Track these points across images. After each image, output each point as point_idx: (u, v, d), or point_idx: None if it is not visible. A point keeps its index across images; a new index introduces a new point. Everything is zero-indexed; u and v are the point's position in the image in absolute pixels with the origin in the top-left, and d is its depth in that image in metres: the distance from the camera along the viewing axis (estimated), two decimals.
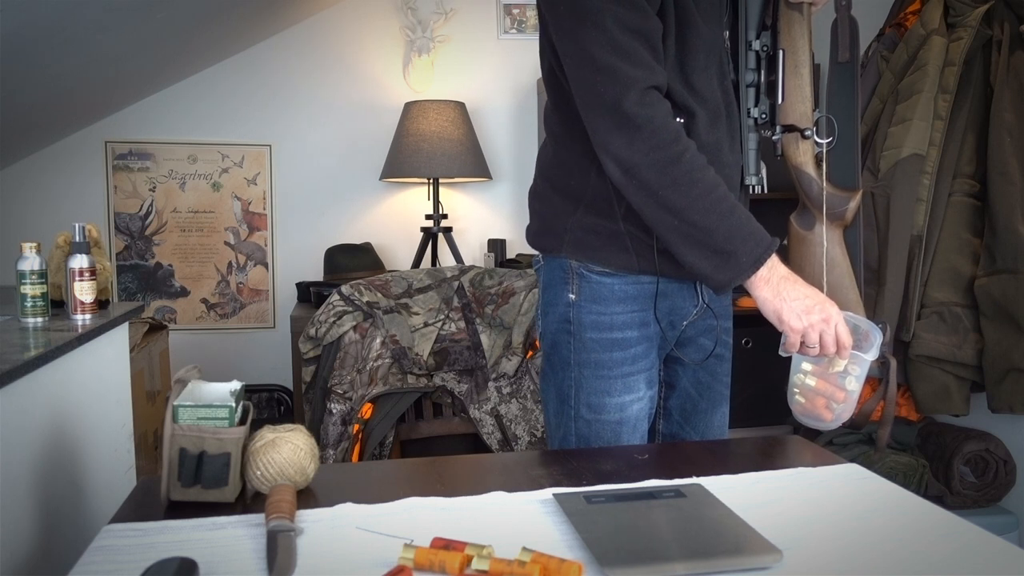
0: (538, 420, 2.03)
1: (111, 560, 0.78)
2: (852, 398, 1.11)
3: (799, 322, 1.08)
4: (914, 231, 2.29)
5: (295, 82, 3.07)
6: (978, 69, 2.29)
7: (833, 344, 1.08)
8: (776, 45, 1.22)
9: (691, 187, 1.07)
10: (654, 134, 1.06)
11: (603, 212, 1.18)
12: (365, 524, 0.85)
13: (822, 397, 1.12)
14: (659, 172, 1.06)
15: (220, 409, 0.92)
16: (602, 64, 1.05)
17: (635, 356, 1.22)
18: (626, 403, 1.22)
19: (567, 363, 1.24)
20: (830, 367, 1.11)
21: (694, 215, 1.07)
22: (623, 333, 1.21)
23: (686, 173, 1.07)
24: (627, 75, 1.05)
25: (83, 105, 2.75)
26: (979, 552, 0.80)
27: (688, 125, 1.14)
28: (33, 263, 1.50)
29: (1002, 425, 2.42)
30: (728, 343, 1.34)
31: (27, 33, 1.88)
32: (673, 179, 1.06)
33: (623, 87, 1.05)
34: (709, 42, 1.15)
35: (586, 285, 1.21)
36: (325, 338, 2.03)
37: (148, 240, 3.01)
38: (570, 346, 1.23)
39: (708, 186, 1.08)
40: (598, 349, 1.21)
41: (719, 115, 1.18)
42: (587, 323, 1.21)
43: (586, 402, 1.23)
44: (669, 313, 1.24)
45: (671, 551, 0.78)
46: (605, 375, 1.21)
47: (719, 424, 1.36)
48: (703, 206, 1.07)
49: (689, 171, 1.07)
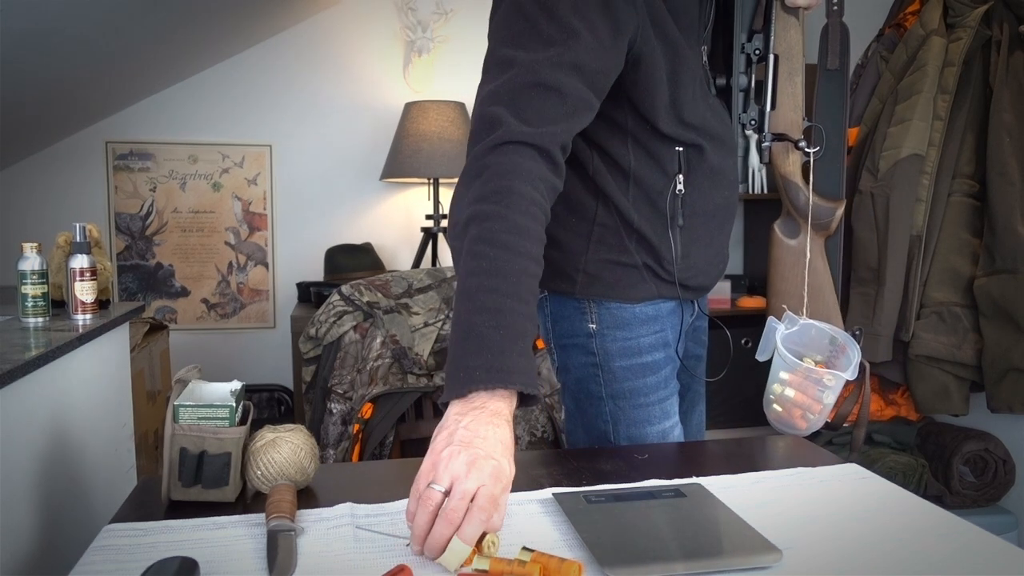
0: (538, 420, 2.03)
1: (111, 560, 0.78)
2: (826, 410, 1.12)
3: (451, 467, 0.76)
4: (914, 231, 2.29)
5: (295, 82, 3.07)
6: (977, 69, 2.29)
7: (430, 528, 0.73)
8: (767, 49, 1.19)
9: (478, 263, 0.84)
10: (481, 185, 0.88)
11: (614, 246, 1.11)
12: (365, 524, 0.85)
13: (799, 408, 1.12)
14: (458, 235, 0.87)
15: (220, 409, 0.92)
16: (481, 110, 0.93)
17: (666, 379, 1.17)
18: (667, 429, 1.17)
19: (598, 398, 1.15)
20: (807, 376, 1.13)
21: (460, 301, 0.83)
22: (651, 356, 1.15)
23: (480, 244, 0.85)
24: (497, 119, 0.92)
25: (84, 105, 2.75)
26: (978, 552, 0.80)
27: (696, 156, 1.10)
28: (34, 263, 1.50)
29: (1001, 425, 2.42)
30: (704, 341, 1.33)
31: (28, 33, 1.88)
32: (468, 248, 0.85)
33: (482, 134, 0.92)
34: (694, 69, 1.11)
35: (605, 312, 1.13)
36: (325, 338, 2.03)
37: (148, 240, 3.02)
38: (599, 379, 1.15)
39: (494, 266, 0.83)
40: (631, 377, 1.14)
41: (719, 138, 1.15)
42: (614, 352, 1.13)
43: (627, 436, 1.15)
44: (680, 328, 1.22)
45: (671, 551, 0.78)
46: (643, 403, 1.14)
47: (697, 422, 1.35)
48: (471, 292, 0.83)
49: (484, 244, 0.84)
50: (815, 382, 1.11)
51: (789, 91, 1.21)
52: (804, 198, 1.24)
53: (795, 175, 1.24)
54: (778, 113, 1.21)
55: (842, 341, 1.14)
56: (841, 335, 1.14)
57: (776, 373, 1.15)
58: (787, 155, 1.23)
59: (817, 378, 1.11)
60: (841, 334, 1.14)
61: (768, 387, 1.16)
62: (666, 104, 1.07)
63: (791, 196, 1.25)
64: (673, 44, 1.06)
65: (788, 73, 1.20)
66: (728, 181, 1.17)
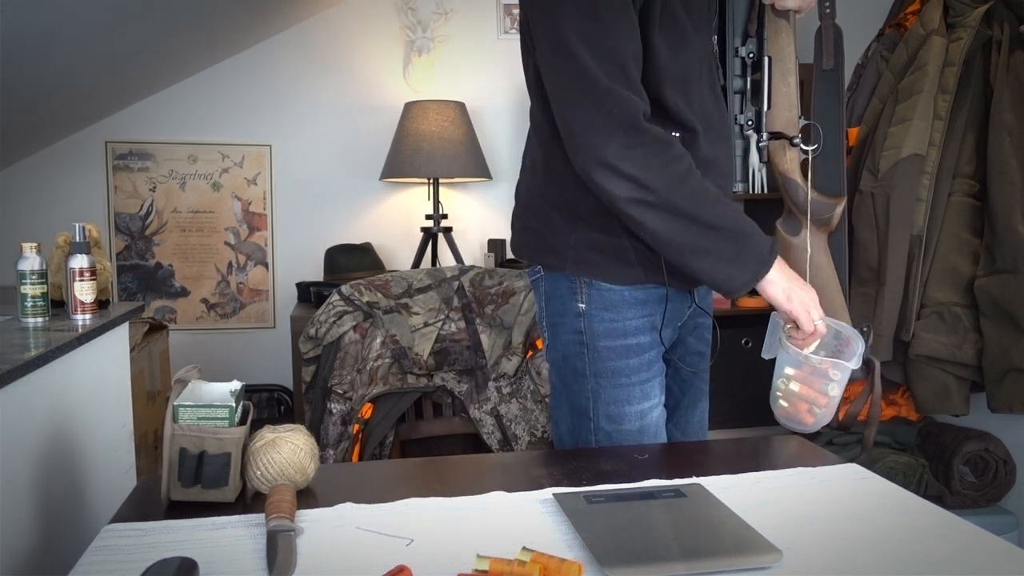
0: (538, 420, 2.03)
1: (111, 560, 0.78)
2: (833, 404, 1.13)
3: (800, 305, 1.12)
4: (914, 231, 2.29)
5: (295, 82, 3.07)
6: (978, 69, 2.29)
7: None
8: (761, 52, 1.23)
9: (705, 195, 1.08)
10: (668, 148, 1.07)
11: (604, 227, 1.16)
12: (365, 524, 0.85)
13: (805, 402, 1.14)
14: (677, 185, 1.06)
15: (220, 409, 0.92)
16: (605, 87, 1.04)
17: (649, 361, 1.21)
18: (645, 410, 1.21)
19: (582, 375, 1.21)
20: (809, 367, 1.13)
21: (714, 220, 1.08)
22: (636, 339, 1.19)
23: (698, 182, 1.08)
24: (632, 97, 1.05)
25: (83, 105, 2.75)
26: (979, 552, 0.80)
27: (690, 140, 1.13)
28: (33, 263, 1.50)
29: (1002, 425, 2.42)
30: (708, 339, 1.34)
31: (27, 33, 1.88)
32: (692, 189, 1.07)
33: (633, 107, 1.04)
34: (701, 52, 1.15)
35: (595, 293, 1.19)
36: (325, 338, 2.03)
37: (148, 240, 3.02)
38: (584, 357, 1.20)
39: (713, 193, 1.09)
40: (614, 357, 1.19)
41: (715, 127, 1.18)
42: (600, 331, 1.19)
43: (605, 413, 1.20)
44: (671, 316, 1.24)
45: (671, 551, 0.78)
46: (623, 383, 1.19)
47: (699, 419, 1.36)
48: (718, 212, 1.08)
49: (699, 180, 1.08)
50: (820, 375, 1.11)
51: (784, 91, 1.24)
52: (803, 195, 1.25)
53: (794, 172, 1.26)
54: (774, 112, 1.24)
55: (847, 335, 1.14)
56: (846, 328, 1.14)
57: (781, 368, 1.15)
58: (785, 153, 1.26)
59: (823, 371, 1.11)
60: (846, 327, 1.14)
61: (774, 383, 1.16)
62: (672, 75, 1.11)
63: (791, 193, 1.27)
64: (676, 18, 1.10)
65: (782, 74, 1.24)
66: (720, 171, 1.19)
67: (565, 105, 1.08)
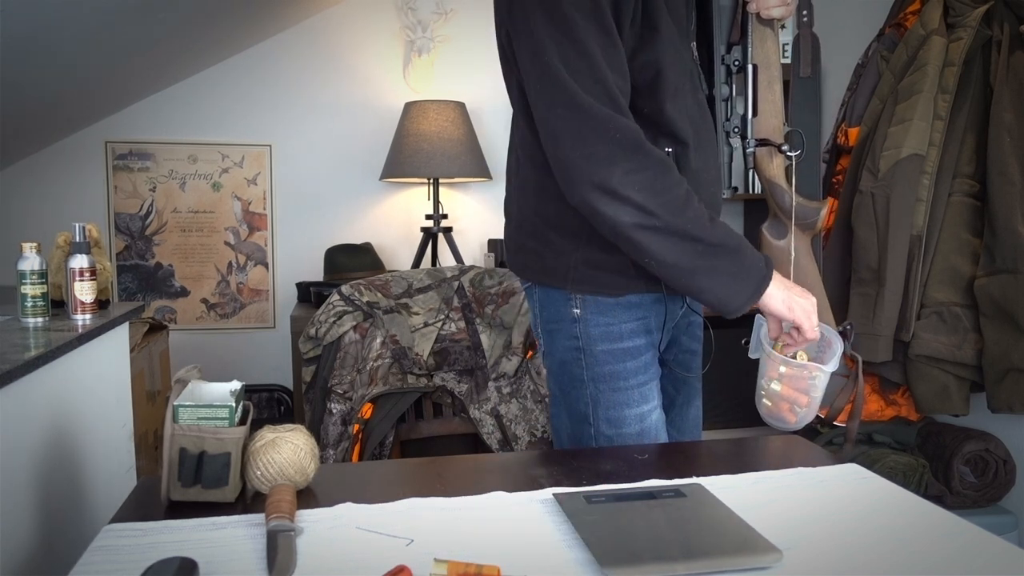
0: (538, 420, 2.03)
1: (111, 560, 0.78)
2: (815, 403, 1.16)
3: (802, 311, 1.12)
4: (914, 231, 2.29)
5: (295, 82, 3.07)
6: (978, 69, 2.29)
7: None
8: (746, 60, 1.24)
9: (703, 215, 1.08)
10: (669, 171, 1.06)
11: (606, 246, 1.13)
12: (365, 524, 0.85)
13: (786, 402, 1.16)
14: (681, 208, 1.06)
15: (220, 409, 0.92)
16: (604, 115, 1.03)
17: (646, 364, 1.21)
18: (645, 413, 1.21)
19: (580, 381, 1.20)
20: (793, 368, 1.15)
21: (715, 239, 1.07)
22: (632, 342, 1.19)
23: (697, 203, 1.08)
24: (626, 120, 1.04)
25: (83, 105, 2.75)
26: (979, 552, 0.80)
27: (682, 153, 1.13)
28: (33, 263, 1.50)
29: (1002, 425, 2.42)
30: (700, 337, 1.35)
31: (28, 33, 1.88)
32: (694, 212, 1.07)
33: (633, 130, 1.04)
34: (685, 60, 1.15)
35: (590, 299, 1.18)
36: (325, 338, 2.03)
37: (148, 240, 3.02)
38: (581, 362, 1.20)
39: (708, 212, 1.09)
40: (611, 361, 1.19)
41: (702, 136, 1.18)
42: (596, 336, 1.18)
43: (605, 417, 1.20)
44: (667, 321, 1.24)
45: (671, 551, 0.78)
46: (622, 387, 1.19)
47: (694, 417, 1.37)
48: (716, 231, 1.08)
49: (697, 201, 1.08)
50: (800, 376, 1.14)
51: (769, 98, 1.26)
52: (789, 200, 1.27)
53: (779, 178, 1.28)
54: (760, 120, 1.26)
55: (828, 336, 1.17)
56: (826, 330, 1.17)
57: (764, 369, 1.18)
58: (771, 159, 1.28)
59: (803, 372, 1.13)
60: (826, 329, 1.17)
61: (758, 383, 1.19)
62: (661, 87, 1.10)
63: (777, 198, 1.29)
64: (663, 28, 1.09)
65: (767, 81, 1.25)
66: (709, 179, 1.20)
67: (560, 136, 1.05)
